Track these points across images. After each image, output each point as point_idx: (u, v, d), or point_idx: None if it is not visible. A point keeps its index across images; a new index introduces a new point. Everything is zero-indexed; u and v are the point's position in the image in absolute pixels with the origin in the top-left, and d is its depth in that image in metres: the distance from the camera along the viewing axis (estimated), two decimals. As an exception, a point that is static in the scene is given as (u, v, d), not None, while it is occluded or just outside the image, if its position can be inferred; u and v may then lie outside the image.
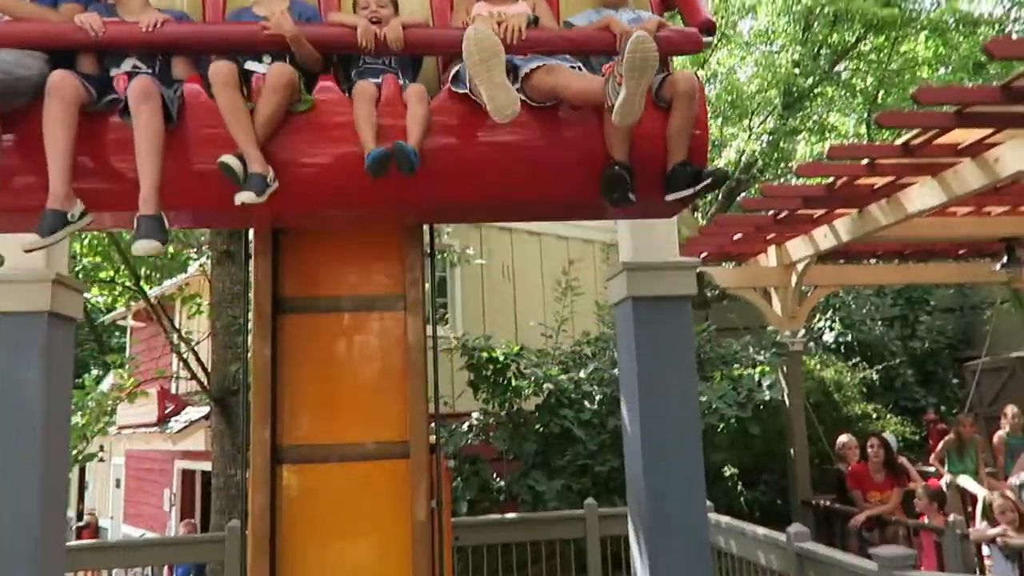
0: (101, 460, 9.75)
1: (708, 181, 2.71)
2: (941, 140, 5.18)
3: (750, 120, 13.57)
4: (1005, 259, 7.25)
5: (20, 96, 2.51)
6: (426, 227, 3.59)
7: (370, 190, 2.66)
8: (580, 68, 2.79)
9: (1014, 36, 13.50)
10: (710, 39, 2.92)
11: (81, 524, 15.61)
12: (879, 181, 5.94)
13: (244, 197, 2.49)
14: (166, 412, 11.80)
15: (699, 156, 2.83)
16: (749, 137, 13.38)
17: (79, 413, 7.69)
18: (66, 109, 2.45)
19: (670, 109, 2.73)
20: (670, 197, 2.79)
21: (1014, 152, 4.89)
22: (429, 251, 3.66)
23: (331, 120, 2.70)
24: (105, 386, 10.17)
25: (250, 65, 2.74)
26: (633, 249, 3.94)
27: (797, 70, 12.96)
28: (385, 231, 3.51)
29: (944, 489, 6.59)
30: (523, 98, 2.64)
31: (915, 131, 5.20)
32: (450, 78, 2.78)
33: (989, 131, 4.99)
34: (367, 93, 2.65)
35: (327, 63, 2.82)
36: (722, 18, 13.76)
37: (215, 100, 2.60)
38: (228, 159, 2.49)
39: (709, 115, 13.99)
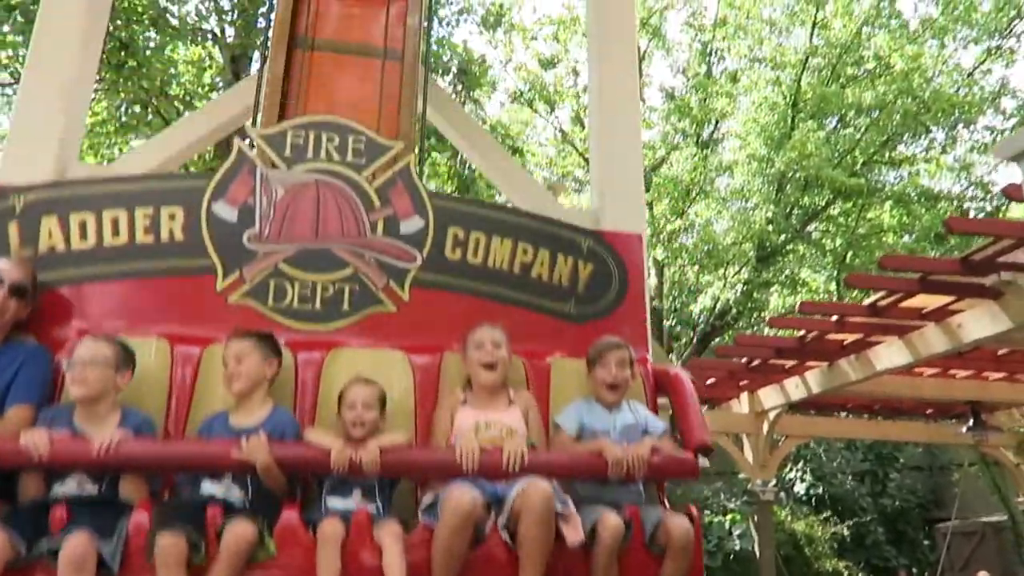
0: None
1: None
2: (907, 303, 5.40)
3: (725, 270, 14.03)
4: (971, 423, 7.36)
5: None
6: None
7: None
8: (566, 503, 2.50)
9: (971, 214, 14.34)
10: (705, 463, 2.77)
11: None
12: (848, 337, 6.12)
13: None
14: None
15: None
16: (724, 286, 13.78)
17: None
18: None
19: (663, 556, 2.52)
20: None
21: (975, 320, 5.10)
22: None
23: (292, 573, 2.33)
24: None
25: (207, 487, 2.46)
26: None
27: (770, 227, 13.56)
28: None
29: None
30: (506, 538, 2.42)
31: (882, 293, 5.43)
32: (423, 510, 2.53)
33: (951, 298, 5.22)
34: (332, 538, 2.33)
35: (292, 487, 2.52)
36: (701, 174, 14.52)
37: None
38: None
39: (687, 264, 14.51)
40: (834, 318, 5.85)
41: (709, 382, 7.58)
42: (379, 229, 3.08)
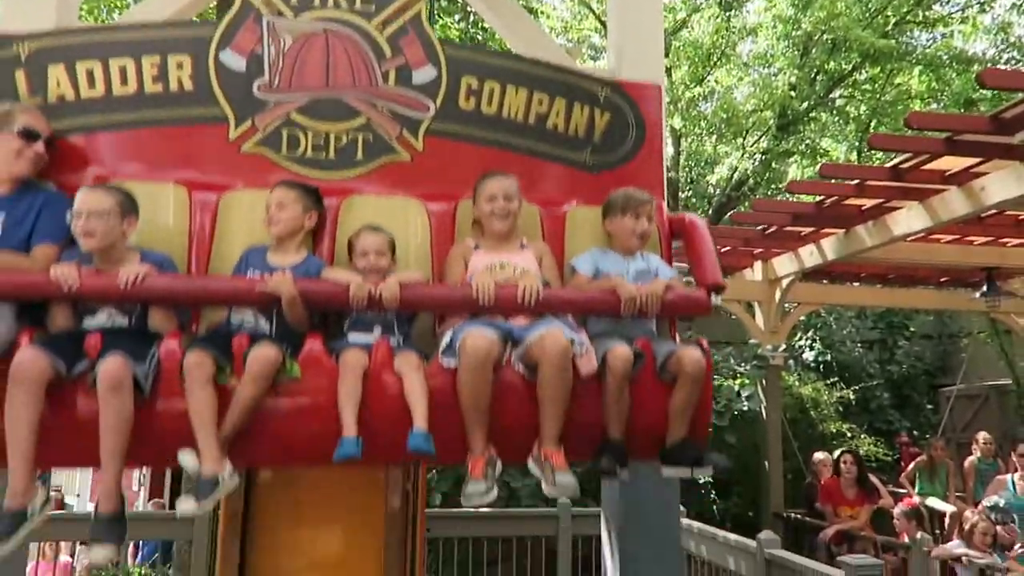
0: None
1: (709, 468, 2.65)
2: (930, 166, 5.29)
3: (744, 139, 13.72)
4: (985, 288, 7.37)
5: None
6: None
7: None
8: (583, 344, 2.56)
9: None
10: (718, 300, 2.76)
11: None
12: (867, 203, 6.04)
13: (184, 507, 2.29)
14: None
15: (700, 435, 2.68)
16: (742, 155, 13.52)
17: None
18: (31, 395, 2.20)
19: (674, 385, 2.59)
20: (668, 472, 2.69)
21: (1000, 182, 5.00)
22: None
23: (316, 393, 2.45)
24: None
25: (234, 319, 2.58)
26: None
27: (793, 93, 13.11)
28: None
29: (921, 509, 6.70)
30: (521, 369, 2.50)
31: (905, 156, 5.30)
32: (442, 349, 2.56)
33: (977, 160, 5.10)
34: (355, 366, 2.43)
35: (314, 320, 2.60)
36: (723, 38, 13.91)
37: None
38: (187, 459, 2.31)
39: (704, 134, 14.16)
40: (854, 182, 5.75)
41: (724, 250, 7.57)
42: (391, 79, 3.01)
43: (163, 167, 2.84)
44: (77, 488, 16.15)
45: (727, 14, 14.38)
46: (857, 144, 14.53)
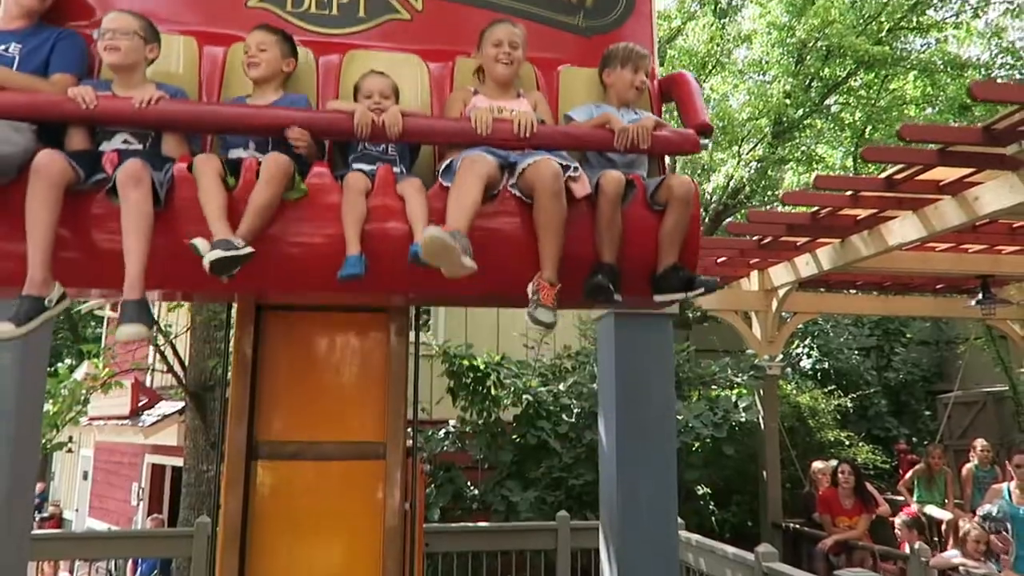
0: (70, 451, 9.61)
1: (700, 290, 2.72)
2: (923, 176, 5.30)
3: (739, 147, 13.74)
4: (980, 296, 7.39)
5: (3, 175, 2.38)
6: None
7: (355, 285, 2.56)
8: (576, 168, 2.73)
9: (998, 80, 13.79)
10: (706, 141, 2.93)
11: (45, 515, 15.30)
12: (862, 213, 6.05)
13: (211, 256, 2.36)
14: (139, 405, 11.67)
15: (690, 261, 2.79)
16: (738, 163, 13.53)
17: (51, 401, 7.61)
18: (51, 191, 2.33)
19: (664, 211, 2.71)
20: (660, 298, 2.77)
21: (993, 192, 5.02)
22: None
23: (322, 211, 2.60)
24: (79, 375, 10.07)
25: (234, 153, 2.72)
26: (618, 264, 3.98)
27: (788, 101, 13.14)
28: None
29: (921, 518, 6.69)
30: (517, 193, 2.65)
31: (899, 166, 5.32)
32: (441, 173, 2.71)
33: (970, 170, 5.11)
34: (358, 186, 2.57)
35: (320, 151, 2.77)
36: (718, 45, 13.94)
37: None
38: (198, 241, 2.39)
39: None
40: (848, 193, 5.76)
41: (720, 260, 7.58)
42: None
43: (172, 19, 3.03)
44: (76, 503, 16.09)
45: (722, 21, 14.42)
46: (853, 150, 14.54)
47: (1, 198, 2.43)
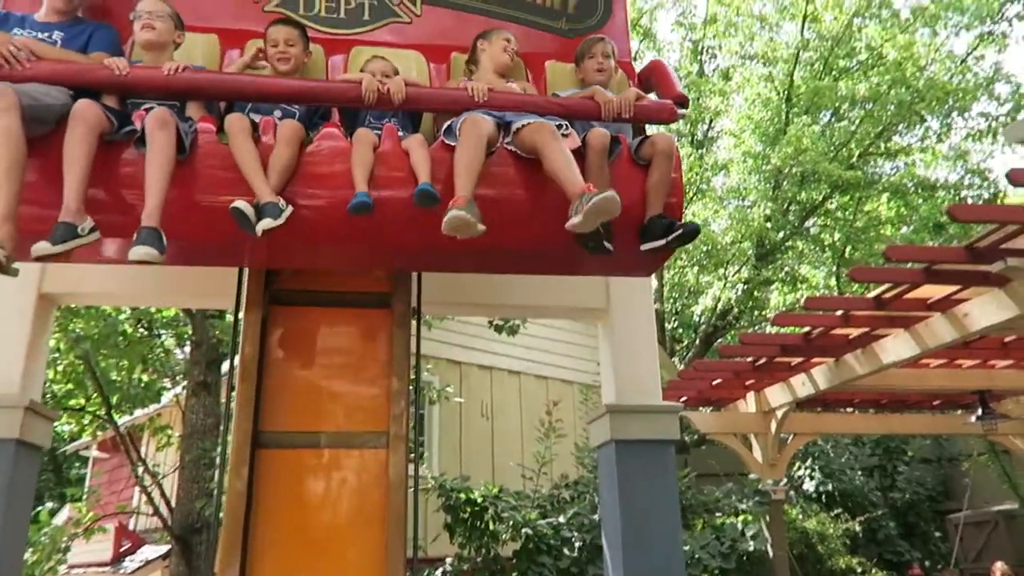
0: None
1: (680, 231, 2.94)
2: (911, 295, 5.38)
3: (725, 269, 14.00)
4: (980, 412, 7.33)
5: (44, 123, 2.69)
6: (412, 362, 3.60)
7: (364, 231, 2.90)
8: (566, 126, 3.04)
9: (969, 201, 14.32)
10: (684, 111, 3.33)
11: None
12: (854, 331, 6.09)
13: (264, 224, 2.67)
14: (122, 550, 11.14)
15: (674, 211, 3.08)
16: (724, 285, 13.75)
17: (31, 549, 7.27)
18: (88, 132, 2.63)
19: (649, 167, 3.03)
20: (645, 247, 3.01)
21: (981, 308, 5.08)
22: (412, 385, 3.66)
23: (332, 166, 2.93)
24: (60, 520, 9.67)
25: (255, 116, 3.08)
26: (616, 392, 3.97)
27: (769, 224, 13.53)
28: (373, 361, 3.55)
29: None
30: (512, 149, 2.98)
31: (886, 285, 5.41)
32: (443, 130, 3.04)
33: (956, 287, 5.20)
34: (366, 138, 2.94)
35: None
36: (696, 174, 14.50)
37: (228, 146, 2.86)
38: (240, 204, 2.70)
39: (687, 265, 14.52)
40: (839, 312, 5.83)
41: (715, 383, 7.55)
42: None
43: (195, 19, 3.34)
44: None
45: (699, 151, 15.07)
46: (835, 269, 14.85)
47: (42, 147, 2.68)
